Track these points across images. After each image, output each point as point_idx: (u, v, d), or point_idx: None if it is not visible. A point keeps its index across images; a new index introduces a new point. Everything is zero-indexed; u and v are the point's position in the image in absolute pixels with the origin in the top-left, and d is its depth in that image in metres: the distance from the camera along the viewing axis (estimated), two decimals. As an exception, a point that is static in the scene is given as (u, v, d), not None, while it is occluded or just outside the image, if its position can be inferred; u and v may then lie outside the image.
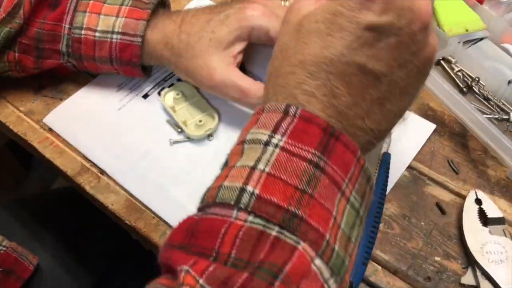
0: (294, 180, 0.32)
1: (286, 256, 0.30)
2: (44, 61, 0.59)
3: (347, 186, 0.34)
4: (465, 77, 0.63)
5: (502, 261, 0.48)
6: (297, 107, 0.34)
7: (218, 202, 0.32)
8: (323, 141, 0.33)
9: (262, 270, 0.29)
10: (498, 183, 0.56)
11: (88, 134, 0.60)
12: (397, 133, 0.59)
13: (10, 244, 0.61)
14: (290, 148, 0.33)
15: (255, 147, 0.34)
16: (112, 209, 0.54)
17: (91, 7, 0.57)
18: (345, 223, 0.33)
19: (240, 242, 0.30)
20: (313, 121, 0.34)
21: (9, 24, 0.55)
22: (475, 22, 0.68)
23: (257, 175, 0.32)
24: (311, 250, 0.31)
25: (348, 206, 0.34)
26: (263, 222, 0.31)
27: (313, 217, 0.31)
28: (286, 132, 0.33)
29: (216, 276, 0.29)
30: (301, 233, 0.31)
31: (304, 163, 0.32)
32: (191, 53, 0.54)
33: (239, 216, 0.31)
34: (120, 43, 0.57)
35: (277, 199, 0.31)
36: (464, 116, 0.58)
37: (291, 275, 0.29)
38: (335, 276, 0.32)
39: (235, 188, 0.32)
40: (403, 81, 0.36)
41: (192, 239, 0.31)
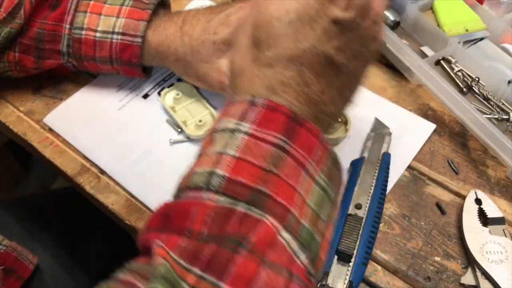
0: (261, 161, 0.34)
1: (251, 227, 0.32)
2: (44, 61, 0.59)
3: (312, 167, 0.36)
4: (465, 77, 0.63)
5: (502, 261, 0.48)
6: (263, 98, 0.37)
7: (191, 187, 0.35)
8: (288, 127, 0.36)
9: (229, 240, 0.31)
10: (498, 183, 0.56)
11: (88, 134, 0.60)
12: (397, 133, 0.59)
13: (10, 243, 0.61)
14: (257, 134, 0.36)
15: (225, 135, 0.36)
16: (112, 209, 0.54)
17: (92, 7, 0.57)
18: (311, 201, 0.36)
19: (210, 220, 0.32)
20: (278, 109, 0.37)
21: (10, 24, 0.55)
22: (475, 22, 0.68)
23: (226, 159, 0.35)
24: (277, 223, 0.33)
25: (314, 185, 0.36)
26: (232, 201, 0.33)
27: (278, 194, 0.34)
28: (254, 121, 0.36)
29: (186, 249, 0.31)
30: (267, 208, 0.33)
31: (270, 146, 0.35)
32: (198, 58, 0.54)
33: (209, 197, 0.33)
34: (120, 43, 0.57)
35: (245, 179, 0.34)
36: (464, 116, 0.58)
37: (256, 244, 0.31)
38: (306, 250, 0.34)
39: (205, 172, 0.34)
40: (356, 70, 0.40)
41: (167, 222, 0.34)
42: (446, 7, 0.70)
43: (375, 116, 0.61)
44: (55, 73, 0.63)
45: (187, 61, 0.55)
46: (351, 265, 0.47)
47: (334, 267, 0.47)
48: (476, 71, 0.63)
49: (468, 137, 0.60)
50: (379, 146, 0.57)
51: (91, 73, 0.64)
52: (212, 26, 0.53)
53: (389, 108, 0.63)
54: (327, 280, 0.46)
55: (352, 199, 0.52)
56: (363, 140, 0.59)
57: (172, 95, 0.62)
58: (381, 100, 0.64)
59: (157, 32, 0.57)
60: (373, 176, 0.54)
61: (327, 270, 0.47)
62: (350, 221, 0.50)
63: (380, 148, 0.57)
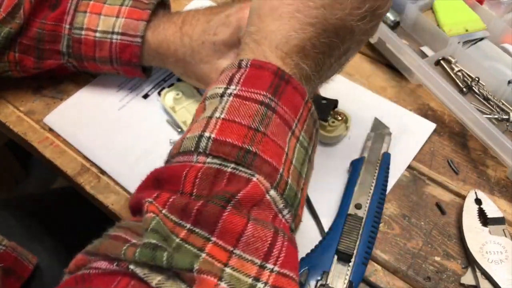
0: (248, 121, 0.35)
1: (240, 186, 0.33)
2: (45, 62, 0.59)
3: (297, 126, 0.37)
4: (465, 77, 0.63)
5: (502, 261, 0.48)
6: (248, 59, 0.37)
7: (181, 151, 0.35)
8: (274, 83, 0.36)
9: (216, 197, 0.32)
10: (498, 183, 0.56)
11: (88, 134, 0.60)
12: (397, 133, 0.59)
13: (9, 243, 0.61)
14: (243, 94, 0.36)
15: (213, 101, 0.37)
16: (112, 209, 0.54)
17: (92, 7, 0.57)
18: (296, 159, 0.37)
19: (199, 181, 0.33)
20: (264, 66, 0.37)
21: (9, 24, 0.55)
22: (475, 22, 0.68)
23: (213, 122, 0.35)
24: (266, 182, 0.34)
25: (298, 144, 0.37)
26: (220, 161, 0.34)
27: (266, 152, 0.34)
28: (239, 81, 0.37)
29: (176, 205, 0.32)
30: (255, 167, 0.34)
31: (256, 105, 0.35)
32: (198, 58, 0.54)
33: (198, 159, 0.34)
34: (120, 44, 0.57)
35: (232, 139, 0.34)
36: (464, 116, 0.58)
37: (242, 201, 0.32)
38: (289, 207, 0.35)
39: (194, 137, 0.35)
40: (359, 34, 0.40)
41: (159, 186, 0.35)
42: (446, 7, 0.70)
43: (375, 116, 0.61)
44: (55, 73, 0.63)
45: (186, 61, 0.55)
46: (351, 265, 0.47)
47: (334, 267, 0.47)
48: (476, 71, 0.63)
49: (468, 137, 0.60)
50: (379, 146, 0.57)
51: (91, 73, 0.64)
52: (212, 27, 0.53)
53: (389, 108, 0.63)
54: (327, 280, 0.46)
55: (352, 199, 0.52)
56: (363, 140, 0.59)
57: (172, 95, 0.62)
58: (381, 100, 0.64)
59: (156, 32, 0.57)
60: (373, 176, 0.54)
61: (327, 270, 0.47)
62: (350, 221, 0.50)
63: (380, 148, 0.57)
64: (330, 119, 0.58)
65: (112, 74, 0.62)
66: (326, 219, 0.52)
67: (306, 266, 0.47)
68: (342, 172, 0.56)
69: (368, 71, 0.68)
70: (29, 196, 0.98)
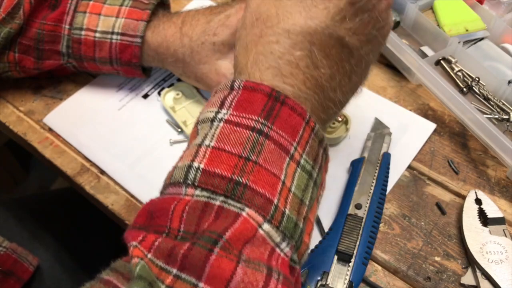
0: (238, 149, 0.33)
1: (227, 223, 0.31)
2: (44, 62, 0.59)
3: (296, 150, 0.34)
4: (465, 77, 0.63)
5: (502, 261, 0.48)
6: (241, 80, 0.35)
7: (172, 182, 0.34)
8: (267, 106, 0.34)
9: (203, 238, 0.30)
10: (498, 183, 0.56)
11: (88, 134, 0.60)
12: (397, 133, 0.59)
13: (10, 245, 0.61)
14: (234, 119, 0.34)
15: (204, 126, 0.35)
16: (112, 209, 0.54)
17: (91, 7, 0.57)
18: (296, 186, 0.34)
19: (187, 216, 0.31)
20: (257, 89, 0.34)
21: (9, 25, 0.55)
22: (475, 22, 0.68)
23: (202, 150, 0.33)
24: (258, 215, 0.31)
25: (298, 169, 0.34)
26: (209, 194, 0.32)
27: (258, 183, 0.32)
28: (231, 105, 0.34)
29: (162, 249, 0.30)
30: (246, 200, 0.31)
31: (247, 131, 0.33)
32: (197, 59, 0.54)
33: (187, 192, 0.32)
34: (120, 44, 0.57)
35: (221, 170, 0.32)
36: (464, 116, 0.58)
37: (231, 241, 0.30)
38: (288, 239, 0.32)
39: (184, 166, 0.33)
40: (367, 55, 0.38)
41: (151, 220, 0.33)
42: (446, 7, 0.70)
43: (375, 116, 0.61)
44: (55, 74, 0.63)
45: (186, 62, 0.55)
46: (351, 265, 0.47)
47: (334, 267, 0.47)
48: (476, 71, 0.63)
49: (468, 137, 0.60)
50: (379, 146, 0.57)
51: (91, 73, 0.64)
52: (211, 27, 0.53)
53: (389, 108, 0.63)
54: (327, 280, 0.46)
55: (352, 199, 0.52)
56: (363, 140, 0.59)
57: (172, 95, 0.62)
58: (381, 100, 0.64)
59: (156, 32, 0.57)
60: (373, 176, 0.54)
61: (327, 270, 0.47)
62: (350, 221, 0.50)
63: (380, 148, 0.57)
64: None
65: (112, 74, 0.62)
66: (326, 219, 0.52)
67: (306, 266, 0.47)
68: (342, 172, 0.56)
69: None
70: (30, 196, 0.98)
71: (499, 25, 0.67)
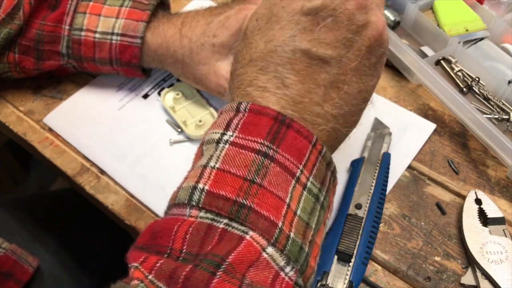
0: (243, 171, 0.33)
1: (231, 247, 0.30)
2: (44, 63, 0.59)
3: (302, 173, 0.34)
4: (465, 77, 0.63)
5: (502, 261, 0.48)
6: (248, 102, 0.35)
7: (176, 203, 0.34)
8: (273, 130, 0.34)
9: (205, 261, 0.30)
10: (498, 183, 0.56)
11: (88, 134, 0.60)
12: (397, 133, 0.59)
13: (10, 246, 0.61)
14: (240, 142, 0.34)
15: (210, 147, 0.35)
16: (112, 209, 0.54)
17: (91, 8, 0.57)
18: (301, 209, 0.34)
19: (190, 237, 0.31)
20: (263, 112, 0.35)
21: (9, 25, 0.55)
22: (475, 22, 0.68)
23: (207, 172, 0.33)
24: (262, 238, 0.31)
25: (305, 192, 0.34)
26: (212, 216, 0.32)
27: (262, 206, 0.32)
28: (237, 128, 0.34)
29: (164, 270, 0.30)
30: (250, 223, 0.31)
31: (253, 154, 0.33)
32: (196, 60, 0.54)
33: (191, 213, 0.32)
34: (120, 44, 0.57)
35: (226, 192, 0.32)
36: (464, 116, 0.58)
37: (235, 264, 0.30)
38: (292, 263, 0.32)
39: (188, 187, 0.33)
40: (353, 61, 0.36)
41: (153, 240, 0.33)
42: (446, 7, 0.70)
43: (375, 116, 0.61)
44: (54, 74, 0.63)
45: (185, 63, 0.55)
46: (351, 265, 0.47)
47: (334, 267, 0.47)
48: (476, 71, 0.63)
49: (468, 137, 0.60)
50: (379, 146, 0.57)
51: (91, 73, 0.64)
52: (211, 29, 0.53)
53: (389, 108, 0.63)
54: (327, 280, 0.46)
55: (352, 199, 0.52)
56: (363, 140, 0.59)
57: (172, 95, 0.62)
58: (381, 100, 0.64)
59: (156, 33, 0.56)
60: (373, 176, 0.54)
61: (327, 270, 0.47)
62: (350, 221, 0.50)
63: (380, 148, 0.57)
64: None
65: (112, 74, 0.62)
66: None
67: (306, 266, 0.47)
68: (342, 172, 0.56)
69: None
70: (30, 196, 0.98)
71: (499, 25, 0.67)
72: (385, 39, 0.38)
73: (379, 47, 0.38)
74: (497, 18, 0.68)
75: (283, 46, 0.36)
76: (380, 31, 0.37)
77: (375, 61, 0.38)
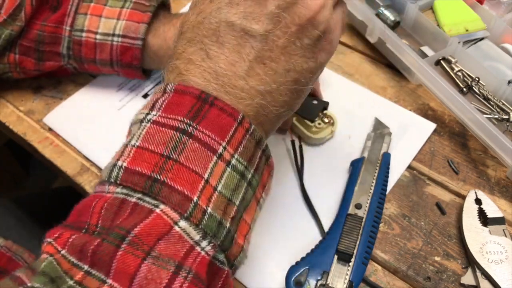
0: (161, 148, 0.33)
1: (138, 220, 0.31)
2: (45, 63, 0.59)
3: (226, 149, 0.34)
4: (465, 77, 0.63)
5: (502, 261, 0.48)
6: (173, 83, 0.36)
7: (100, 181, 0.35)
8: (195, 108, 0.34)
9: (112, 234, 0.30)
10: (498, 183, 0.56)
11: (88, 134, 0.60)
12: (397, 133, 0.59)
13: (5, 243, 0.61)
14: (161, 120, 0.34)
15: (135, 127, 0.36)
16: (112, 209, 0.54)
17: (92, 9, 0.57)
18: (223, 185, 0.34)
19: (104, 212, 0.32)
20: (187, 91, 0.35)
21: (10, 26, 0.55)
22: (475, 22, 0.68)
23: (128, 150, 0.34)
24: (174, 212, 0.32)
25: (228, 168, 0.34)
26: (127, 191, 0.32)
27: (176, 181, 0.32)
28: (161, 107, 0.35)
29: (75, 245, 0.31)
30: (163, 197, 0.32)
31: (172, 131, 0.34)
32: None
33: (109, 189, 0.33)
34: (121, 46, 0.57)
35: (142, 168, 0.33)
36: (464, 116, 0.58)
37: (141, 236, 0.30)
38: (210, 237, 0.32)
39: (110, 165, 0.34)
40: (280, 38, 0.36)
41: (78, 217, 0.34)
42: (446, 7, 0.70)
43: (375, 116, 0.61)
44: (55, 75, 0.63)
45: None
46: (351, 265, 0.47)
47: (334, 266, 0.47)
48: (476, 71, 0.63)
49: (468, 137, 0.60)
50: (379, 146, 0.57)
51: (91, 74, 0.64)
52: None
53: (389, 108, 0.63)
54: (327, 280, 0.46)
55: (352, 199, 0.52)
56: (363, 140, 0.59)
57: (172, 95, 0.62)
58: (381, 100, 0.64)
59: (156, 35, 0.57)
60: (373, 176, 0.54)
61: (327, 270, 0.47)
62: (350, 221, 0.50)
63: (380, 148, 0.57)
64: (317, 121, 0.58)
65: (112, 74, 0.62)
66: (326, 219, 0.52)
67: (306, 266, 0.47)
68: (342, 172, 0.56)
69: (368, 71, 0.68)
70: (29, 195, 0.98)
71: (499, 25, 0.67)
72: (321, 21, 0.37)
73: (312, 28, 0.37)
74: (497, 18, 0.68)
75: (209, 17, 0.36)
76: (313, 11, 0.36)
77: (309, 42, 0.37)
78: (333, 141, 0.60)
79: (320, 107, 0.58)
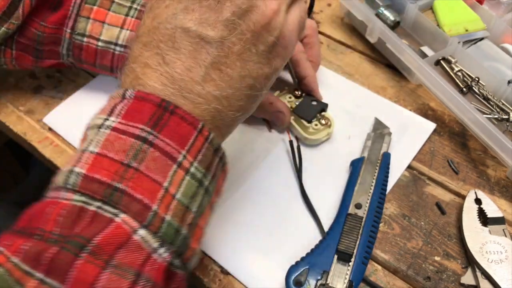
0: (121, 156, 0.33)
1: (99, 229, 0.31)
2: (44, 61, 0.59)
3: (185, 158, 0.35)
4: (465, 77, 0.63)
5: (502, 261, 0.48)
6: (133, 90, 0.36)
7: (54, 186, 0.34)
8: (156, 116, 0.34)
9: (71, 243, 0.30)
10: (498, 183, 0.56)
11: (88, 134, 0.60)
12: (397, 133, 0.59)
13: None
14: (120, 127, 0.34)
15: (93, 132, 0.35)
16: (112, 209, 0.54)
17: (95, 13, 0.56)
18: (182, 193, 0.34)
19: (62, 219, 0.31)
20: (147, 98, 0.35)
21: (5, 24, 0.55)
22: (475, 22, 0.68)
23: (86, 156, 0.34)
24: (134, 221, 0.32)
25: (187, 177, 0.35)
26: (86, 199, 0.32)
27: (137, 189, 0.32)
28: (120, 113, 0.35)
29: (30, 252, 0.30)
30: (123, 206, 0.32)
31: (132, 139, 0.34)
32: None
33: (66, 196, 0.33)
34: (123, 56, 0.56)
35: (101, 175, 0.32)
36: (464, 116, 0.58)
37: (101, 245, 0.30)
38: (167, 245, 0.33)
39: (66, 171, 0.33)
40: (235, 45, 0.36)
41: (29, 223, 0.33)
42: (446, 7, 0.70)
43: (375, 116, 0.61)
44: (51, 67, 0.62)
45: None
46: (351, 265, 0.47)
47: (334, 266, 0.47)
48: (476, 71, 0.63)
49: (468, 137, 0.60)
50: (379, 146, 0.57)
51: (91, 73, 0.64)
52: None
53: (389, 108, 0.63)
54: (327, 280, 0.46)
55: (352, 199, 0.52)
56: (363, 140, 0.59)
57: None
58: (381, 100, 0.64)
59: None
60: (373, 176, 0.54)
61: (327, 270, 0.47)
62: (350, 221, 0.50)
63: (380, 148, 0.57)
64: (314, 122, 0.58)
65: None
66: (326, 219, 0.52)
67: (306, 266, 0.47)
68: (342, 172, 0.56)
69: (368, 71, 0.68)
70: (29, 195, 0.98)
71: (499, 25, 0.67)
72: (275, 28, 0.37)
73: (267, 34, 0.37)
74: (497, 18, 0.68)
75: (164, 23, 0.36)
76: (267, 18, 0.36)
77: (264, 49, 0.37)
78: (333, 141, 0.60)
79: (318, 108, 0.58)
